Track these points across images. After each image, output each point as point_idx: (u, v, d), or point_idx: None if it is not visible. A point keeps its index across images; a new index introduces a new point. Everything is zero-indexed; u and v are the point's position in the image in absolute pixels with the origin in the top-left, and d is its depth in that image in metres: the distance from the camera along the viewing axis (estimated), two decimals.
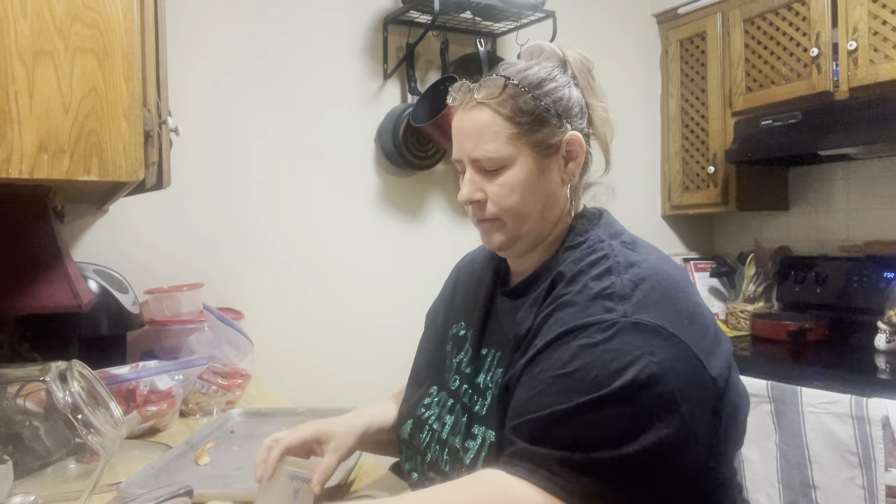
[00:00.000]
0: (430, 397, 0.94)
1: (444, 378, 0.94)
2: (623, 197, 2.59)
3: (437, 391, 0.93)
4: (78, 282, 1.22)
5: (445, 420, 0.88)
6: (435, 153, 2.14)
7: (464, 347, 0.92)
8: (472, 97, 0.84)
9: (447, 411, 0.89)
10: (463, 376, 0.89)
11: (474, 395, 0.85)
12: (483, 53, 2.15)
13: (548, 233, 0.87)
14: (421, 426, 0.91)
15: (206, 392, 1.41)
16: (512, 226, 0.84)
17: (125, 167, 0.88)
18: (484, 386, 0.84)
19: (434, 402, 0.93)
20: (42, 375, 0.86)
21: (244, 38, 1.89)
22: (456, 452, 0.82)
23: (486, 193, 0.84)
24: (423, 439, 0.90)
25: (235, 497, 0.92)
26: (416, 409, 0.94)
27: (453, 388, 0.90)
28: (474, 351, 0.89)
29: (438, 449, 0.86)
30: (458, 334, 0.95)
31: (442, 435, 0.87)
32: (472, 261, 1.06)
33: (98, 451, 0.84)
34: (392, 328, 2.14)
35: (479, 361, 0.88)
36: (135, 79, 0.89)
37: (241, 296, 1.87)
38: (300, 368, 1.95)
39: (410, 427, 0.94)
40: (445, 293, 1.06)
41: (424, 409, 0.93)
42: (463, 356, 0.91)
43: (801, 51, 2.13)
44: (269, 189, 1.94)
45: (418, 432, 0.91)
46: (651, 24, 2.69)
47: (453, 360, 0.93)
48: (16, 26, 0.81)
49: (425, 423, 0.91)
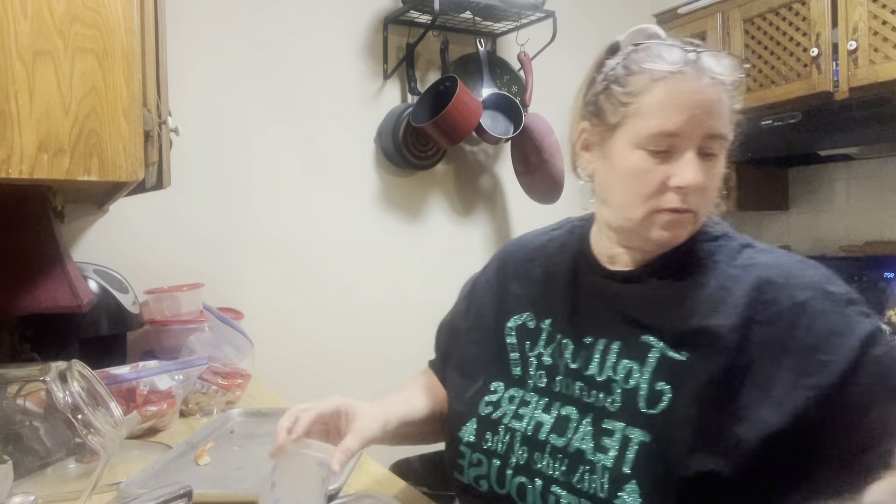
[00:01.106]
0: (495, 394, 0.85)
1: (508, 373, 0.86)
2: None
3: (505, 387, 0.85)
4: (78, 282, 1.22)
5: (540, 419, 0.79)
6: (435, 153, 2.14)
7: (541, 339, 0.85)
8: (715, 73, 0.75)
9: (540, 411, 0.80)
10: (561, 371, 0.81)
11: (593, 390, 0.77)
12: (483, 53, 2.15)
13: None
14: (492, 426, 0.82)
15: (206, 392, 1.41)
16: (698, 220, 0.78)
17: (125, 167, 0.88)
18: (605, 378, 0.76)
19: (503, 398, 0.84)
20: (42, 375, 0.86)
21: (244, 38, 1.89)
22: (578, 454, 0.74)
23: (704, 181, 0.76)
24: (499, 441, 0.81)
25: (235, 497, 0.92)
26: (478, 408, 0.85)
27: (540, 384, 0.82)
28: (574, 342, 0.81)
29: (529, 450, 0.78)
30: (527, 326, 0.87)
31: (538, 436, 0.78)
32: (523, 247, 0.97)
33: (98, 451, 0.84)
34: (392, 328, 2.14)
35: (585, 352, 0.80)
36: (135, 79, 0.89)
37: (241, 296, 1.87)
38: (300, 368, 1.95)
39: (476, 428, 0.84)
40: (489, 283, 0.97)
41: (492, 408, 0.84)
42: (544, 348, 0.84)
43: (801, 51, 2.13)
44: (269, 189, 1.94)
45: (489, 433, 0.82)
46: (651, 24, 2.68)
47: (528, 353, 0.85)
48: (16, 26, 0.81)
49: (497, 423, 0.82)
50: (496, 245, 2.33)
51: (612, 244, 0.84)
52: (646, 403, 0.72)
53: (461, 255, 2.26)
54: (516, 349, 0.87)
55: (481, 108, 2.02)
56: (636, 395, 0.73)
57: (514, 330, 0.88)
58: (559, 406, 0.79)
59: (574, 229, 0.95)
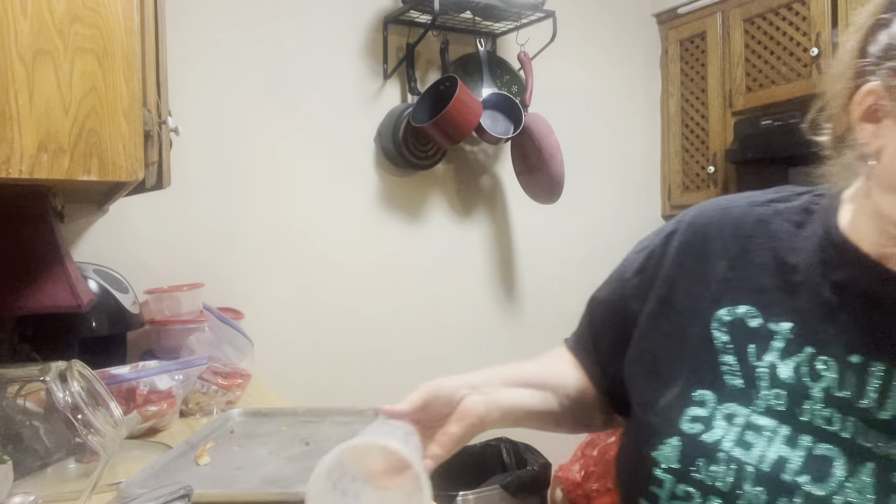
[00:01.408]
0: (703, 407, 0.66)
1: (721, 381, 0.67)
2: (623, 197, 2.61)
3: (717, 400, 0.66)
4: (78, 282, 1.22)
5: (781, 454, 0.61)
6: (435, 153, 2.14)
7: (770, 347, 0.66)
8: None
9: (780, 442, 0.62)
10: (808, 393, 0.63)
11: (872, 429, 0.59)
12: (483, 53, 2.15)
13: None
14: (706, 452, 0.64)
15: (206, 392, 1.41)
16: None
17: (125, 167, 0.88)
18: (889, 419, 0.59)
19: (715, 414, 0.65)
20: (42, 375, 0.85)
21: (244, 39, 1.89)
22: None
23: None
24: (719, 474, 0.62)
25: (235, 497, 0.92)
26: (679, 422, 0.67)
27: (778, 407, 0.63)
28: (837, 360, 0.62)
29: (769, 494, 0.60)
30: (746, 323, 0.67)
31: (780, 476, 0.60)
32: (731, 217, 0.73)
33: (98, 451, 0.84)
34: (392, 328, 2.14)
35: (854, 377, 0.61)
36: (135, 79, 0.89)
37: (241, 296, 1.87)
38: (300, 368, 1.95)
39: (680, 449, 0.66)
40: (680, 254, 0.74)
41: (702, 426, 0.65)
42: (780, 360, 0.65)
43: (801, 51, 2.13)
44: (269, 189, 1.94)
45: (702, 461, 0.64)
46: (651, 24, 2.69)
47: (754, 362, 0.66)
48: (16, 26, 0.81)
49: (715, 449, 0.63)
50: (496, 245, 2.33)
51: (890, 242, 0.62)
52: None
53: (461, 255, 2.26)
54: (731, 351, 0.67)
55: (481, 108, 2.02)
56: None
57: (727, 325, 0.68)
58: (812, 441, 0.61)
59: (810, 207, 0.71)
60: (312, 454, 1.09)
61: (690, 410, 0.67)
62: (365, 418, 1.27)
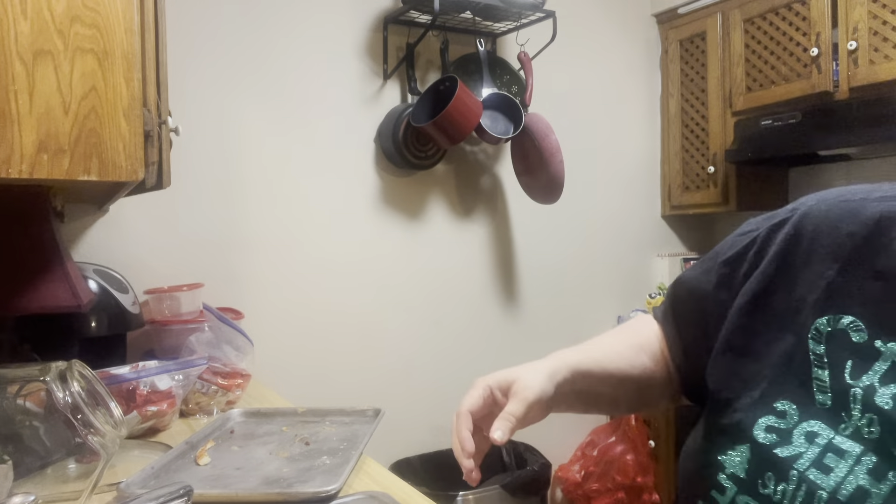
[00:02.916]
0: (783, 419, 0.60)
1: (809, 395, 0.60)
2: (623, 197, 2.61)
3: (799, 414, 0.60)
4: (78, 282, 1.22)
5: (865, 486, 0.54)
6: (435, 153, 2.14)
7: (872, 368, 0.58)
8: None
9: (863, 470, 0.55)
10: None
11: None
12: (483, 53, 2.15)
13: None
14: (779, 468, 0.58)
15: (206, 392, 1.41)
16: None
17: (125, 167, 0.88)
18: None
19: (796, 431, 0.59)
20: (42, 375, 0.85)
21: (244, 38, 1.89)
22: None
23: None
24: (788, 493, 0.57)
25: (235, 497, 0.92)
26: (752, 430, 0.61)
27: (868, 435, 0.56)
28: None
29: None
30: (849, 337, 0.59)
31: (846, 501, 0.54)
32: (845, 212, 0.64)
33: (98, 451, 0.84)
34: (392, 328, 2.14)
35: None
36: (135, 79, 0.89)
37: (241, 296, 1.87)
38: (300, 368, 1.95)
39: (749, 459, 0.61)
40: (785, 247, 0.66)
41: (777, 438, 0.59)
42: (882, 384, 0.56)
43: (801, 51, 2.13)
44: (270, 189, 1.94)
45: (771, 474, 0.59)
46: (651, 24, 2.69)
47: (848, 379, 0.58)
48: (16, 26, 0.81)
49: (788, 465, 0.58)
50: (496, 245, 2.33)
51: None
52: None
53: (461, 255, 2.26)
54: (825, 365, 0.60)
55: (481, 108, 2.02)
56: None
57: (826, 336, 0.61)
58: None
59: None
60: (312, 454, 1.09)
61: (767, 420, 0.61)
62: (365, 418, 1.27)
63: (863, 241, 0.61)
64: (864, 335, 0.59)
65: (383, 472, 1.05)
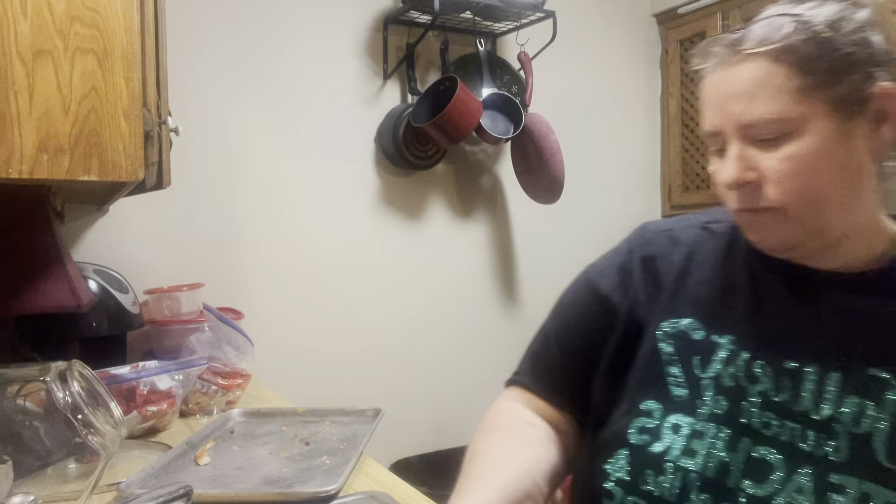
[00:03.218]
0: (651, 419, 0.68)
1: (666, 392, 0.69)
2: (623, 197, 2.61)
3: (664, 411, 0.68)
4: (78, 282, 1.22)
5: (724, 459, 0.63)
6: (435, 153, 2.14)
7: (716, 358, 0.68)
8: (738, 49, 0.65)
9: (723, 447, 0.64)
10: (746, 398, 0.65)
11: (809, 430, 0.62)
12: (483, 53, 2.15)
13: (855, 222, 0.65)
14: (653, 463, 0.65)
15: (206, 392, 1.41)
16: (802, 217, 0.63)
17: (125, 167, 0.88)
18: (825, 420, 0.61)
19: (663, 427, 0.67)
20: (42, 375, 0.86)
21: (244, 38, 1.89)
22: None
23: (761, 172, 0.63)
24: (665, 484, 0.64)
25: (235, 497, 0.92)
26: (625, 433, 0.69)
27: (718, 411, 0.65)
28: (773, 366, 0.65)
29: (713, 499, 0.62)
30: (689, 336, 0.70)
31: (725, 482, 0.62)
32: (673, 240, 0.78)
33: (98, 451, 0.84)
34: (392, 328, 2.14)
35: (789, 381, 0.64)
36: (135, 79, 0.89)
37: (241, 296, 1.87)
38: (300, 368, 1.95)
39: (629, 461, 0.67)
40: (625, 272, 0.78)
41: (649, 437, 0.67)
42: (723, 368, 0.67)
43: None
44: (270, 189, 1.94)
45: (650, 471, 0.65)
46: (651, 24, 2.69)
47: (698, 372, 0.68)
48: (16, 26, 0.81)
49: (661, 458, 0.65)
50: (496, 245, 2.33)
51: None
52: (887, 455, 0.58)
53: (461, 255, 2.26)
54: (676, 363, 0.70)
55: (481, 108, 2.02)
56: (869, 441, 0.59)
57: (672, 337, 0.71)
58: (750, 444, 0.63)
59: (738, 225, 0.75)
60: (312, 454, 1.09)
61: (638, 422, 0.68)
62: (365, 418, 1.27)
63: (685, 260, 0.75)
64: (702, 332, 0.70)
65: (383, 472, 1.05)
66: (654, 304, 0.74)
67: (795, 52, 0.62)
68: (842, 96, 0.61)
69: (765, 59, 0.63)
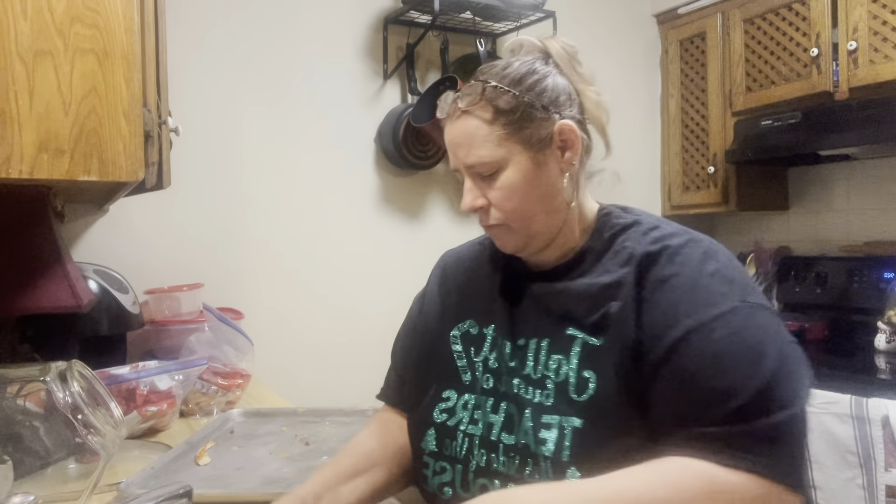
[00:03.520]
0: (448, 402, 0.88)
1: (458, 380, 0.89)
2: (623, 197, 2.60)
3: (458, 394, 0.88)
4: (78, 282, 1.22)
5: (491, 420, 0.83)
6: (435, 153, 2.14)
7: (485, 345, 0.89)
8: (457, 107, 0.84)
9: (490, 412, 0.84)
10: (503, 372, 0.85)
11: (529, 386, 0.81)
12: (483, 53, 2.15)
13: (558, 224, 0.86)
14: (450, 433, 0.86)
15: (206, 392, 1.41)
16: (520, 228, 0.84)
17: (125, 167, 0.88)
18: (539, 376, 0.81)
19: (457, 406, 0.87)
20: (42, 375, 0.86)
21: (244, 38, 1.89)
22: (524, 448, 0.79)
23: (487, 199, 0.84)
24: (457, 447, 0.85)
25: (235, 497, 0.92)
26: (432, 416, 0.88)
27: (487, 386, 0.86)
28: (512, 343, 0.85)
29: (486, 452, 0.82)
30: (470, 333, 0.91)
31: (490, 436, 0.82)
32: (459, 259, 1.01)
33: (98, 451, 0.84)
34: (392, 328, 2.13)
35: (520, 352, 0.84)
36: (135, 79, 0.89)
37: (241, 296, 1.87)
38: (300, 368, 1.95)
39: (435, 436, 0.87)
40: (432, 296, 1.01)
41: (447, 416, 0.87)
42: (489, 353, 0.88)
43: (801, 51, 2.13)
44: (269, 189, 1.94)
45: (447, 440, 0.86)
46: (651, 24, 2.69)
47: (474, 359, 0.89)
48: (16, 26, 0.81)
49: (455, 429, 0.85)
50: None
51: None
52: (576, 392, 0.77)
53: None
54: (463, 356, 0.90)
55: None
56: (566, 385, 0.78)
57: (459, 338, 0.92)
58: (506, 405, 0.83)
59: None
60: (312, 454, 1.09)
61: (440, 406, 0.88)
62: (365, 418, 1.27)
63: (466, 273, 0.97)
64: (477, 329, 0.91)
65: None
66: (446, 314, 0.95)
67: (491, 109, 0.82)
68: (530, 137, 0.82)
69: (472, 115, 0.83)
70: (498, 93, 0.82)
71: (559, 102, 0.84)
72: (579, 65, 0.87)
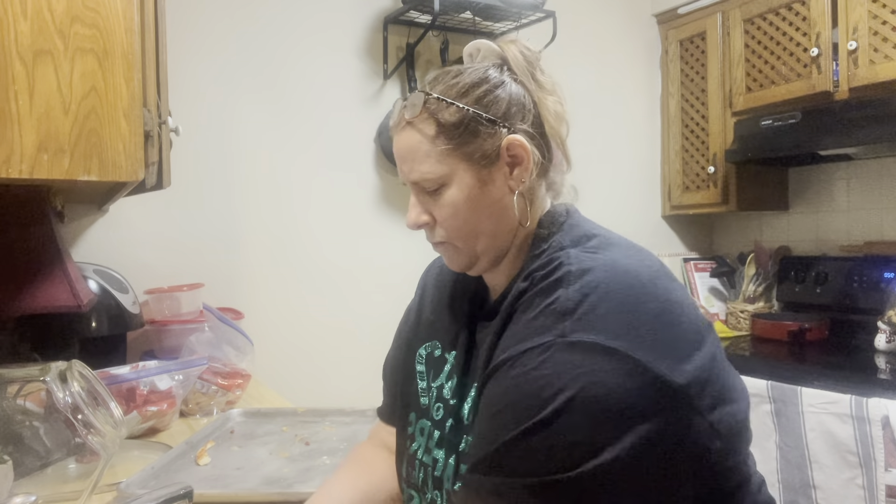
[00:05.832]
0: (412, 426, 0.83)
1: (418, 402, 0.83)
2: (623, 197, 2.61)
3: (417, 418, 0.83)
4: (78, 282, 1.22)
5: (435, 455, 0.77)
6: None
7: (443, 371, 0.81)
8: (403, 117, 0.77)
9: (435, 444, 0.78)
10: (447, 407, 0.78)
11: (459, 431, 0.75)
12: None
13: (507, 245, 0.78)
14: (411, 461, 0.81)
15: (206, 392, 1.41)
16: (465, 247, 0.77)
17: (125, 167, 0.88)
18: (468, 422, 0.74)
19: (416, 431, 0.82)
20: (42, 375, 0.86)
21: (244, 38, 1.89)
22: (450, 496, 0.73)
23: (433, 216, 0.79)
24: (417, 477, 0.80)
25: (235, 497, 0.92)
26: (405, 443, 0.84)
27: (437, 417, 0.79)
28: (460, 379, 0.78)
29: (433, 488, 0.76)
30: (434, 354, 0.84)
31: (435, 472, 0.76)
32: (440, 273, 0.93)
33: (98, 451, 0.84)
34: (391, 327, 2.13)
35: (463, 392, 0.77)
36: (135, 79, 0.89)
37: (241, 296, 1.87)
38: (300, 368, 1.95)
39: (404, 465, 0.83)
40: (414, 303, 0.95)
41: (410, 441, 0.82)
42: (445, 381, 0.81)
43: (801, 51, 2.13)
44: (269, 189, 1.94)
45: (411, 468, 0.81)
46: (651, 24, 2.69)
47: (431, 384, 0.82)
48: (16, 26, 0.81)
49: (414, 457, 0.80)
50: None
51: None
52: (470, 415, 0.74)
53: None
54: (424, 377, 0.84)
55: None
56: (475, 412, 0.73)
57: (423, 358, 0.86)
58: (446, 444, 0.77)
59: None
60: (312, 454, 1.09)
61: (406, 430, 0.84)
62: (365, 418, 1.27)
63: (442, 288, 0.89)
64: (440, 350, 0.84)
65: None
66: (420, 330, 0.90)
67: (434, 122, 0.74)
68: (475, 152, 0.74)
69: (414, 128, 0.76)
70: (441, 105, 0.74)
71: (510, 115, 0.75)
72: (540, 72, 0.79)
